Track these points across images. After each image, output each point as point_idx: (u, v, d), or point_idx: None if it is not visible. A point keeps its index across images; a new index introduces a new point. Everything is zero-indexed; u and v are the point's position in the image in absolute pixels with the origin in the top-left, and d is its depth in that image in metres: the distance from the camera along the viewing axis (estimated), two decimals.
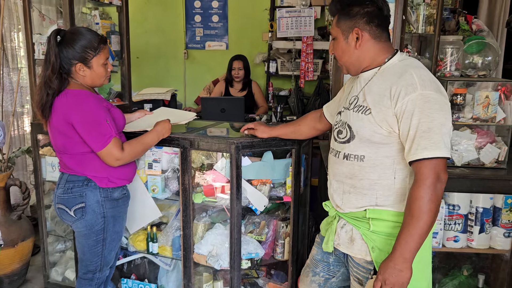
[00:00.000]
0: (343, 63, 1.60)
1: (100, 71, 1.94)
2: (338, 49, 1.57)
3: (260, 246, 2.31)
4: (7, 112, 3.37)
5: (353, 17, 1.49)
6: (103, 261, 2.05)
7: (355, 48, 1.51)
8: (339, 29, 1.54)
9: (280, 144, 2.18)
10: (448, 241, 2.29)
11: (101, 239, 2.00)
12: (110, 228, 2.00)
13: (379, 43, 1.52)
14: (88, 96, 1.89)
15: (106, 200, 1.97)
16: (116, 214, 2.02)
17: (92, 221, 1.95)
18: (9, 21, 3.45)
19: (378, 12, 1.49)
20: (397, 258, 1.38)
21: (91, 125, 1.84)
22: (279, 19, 4.43)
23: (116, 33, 2.82)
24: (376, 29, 1.50)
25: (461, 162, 2.25)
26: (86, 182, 1.94)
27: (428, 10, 2.23)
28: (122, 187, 2.04)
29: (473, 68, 2.36)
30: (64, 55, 1.86)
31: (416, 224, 1.35)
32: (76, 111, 1.84)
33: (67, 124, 1.85)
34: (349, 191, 1.56)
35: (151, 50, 5.18)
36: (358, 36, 1.50)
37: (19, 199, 3.24)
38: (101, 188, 1.95)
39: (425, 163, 1.35)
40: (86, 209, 1.93)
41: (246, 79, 4.17)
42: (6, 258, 2.73)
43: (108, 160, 1.89)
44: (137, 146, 1.99)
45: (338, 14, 1.54)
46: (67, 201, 1.95)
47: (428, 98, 1.37)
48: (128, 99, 2.95)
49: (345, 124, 1.55)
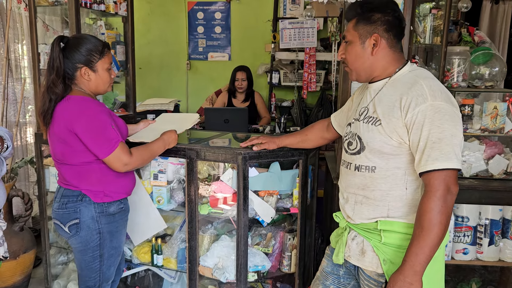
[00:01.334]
0: (354, 69, 1.57)
1: (105, 76, 1.92)
2: (351, 53, 1.55)
3: (266, 259, 2.28)
4: (10, 122, 3.35)
5: (373, 23, 1.48)
6: (102, 277, 1.98)
7: (371, 54, 1.50)
8: (356, 32, 1.52)
9: (287, 155, 2.16)
10: (457, 254, 2.26)
11: (98, 256, 1.94)
12: (107, 244, 1.94)
13: (394, 53, 1.51)
14: (90, 101, 1.85)
15: (101, 216, 1.90)
16: (113, 230, 1.96)
17: (87, 238, 1.89)
18: (13, 31, 3.46)
19: (397, 22, 1.49)
20: (407, 271, 1.36)
21: (97, 131, 1.80)
22: (282, 30, 4.45)
23: (121, 43, 2.82)
24: (393, 38, 1.49)
25: (469, 173, 2.24)
26: (81, 197, 1.88)
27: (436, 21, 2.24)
28: (119, 201, 1.97)
29: (480, 79, 2.36)
30: (68, 60, 1.84)
31: (427, 237, 1.33)
32: (79, 117, 1.79)
33: (68, 132, 1.80)
34: (361, 202, 1.54)
35: (154, 60, 5.20)
36: (376, 42, 1.48)
37: (21, 210, 3.21)
38: (96, 204, 1.89)
39: (435, 174, 1.34)
40: (81, 225, 1.88)
41: (249, 90, 4.17)
42: (7, 271, 2.69)
43: (116, 166, 1.84)
44: (144, 152, 1.95)
45: (357, 17, 1.52)
46: (61, 216, 1.90)
47: (439, 108, 1.35)
48: (133, 109, 2.94)
49: (355, 135, 1.54)
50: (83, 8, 2.50)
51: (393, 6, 1.50)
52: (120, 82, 3.12)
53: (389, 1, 1.52)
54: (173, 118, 2.47)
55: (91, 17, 2.91)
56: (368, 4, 1.50)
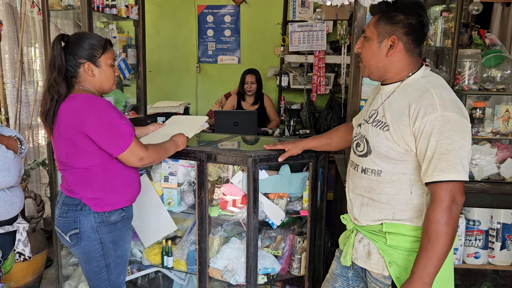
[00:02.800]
0: (368, 66, 1.55)
1: (109, 72, 1.86)
2: (368, 50, 1.52)
3: (276, 261, 2.28)
4: (23, 125, 3.40)
5: (394, 24, 1.45)
6: (112, 285, 1.94)
7: (386, 55, 1.48)
8: (375, 30, 1.49)
9: (297, 157, 2.16)
10: (469, 258, 2.24)
11: (104, 266, 1.88)
12: (111, 253, 1.88)
13: (410, 57, 1.48)
14: (97, 98, 1.79)
15: (102, 226, 1.84)
16: (116, 239, 1.89)
17: (88, 247, 1.85)
18: (26, 35, 3.51)
19: (419, 26, 1.46)
20: (416, 282, 1.35)
21: (109, 127, 1.74)
22: (291, 33, 4.46)
23: (133, 47, 2.85)
24: (412, 43, 1.46)
25: (481, 176, 2.22)
26: (80, 207, 1.82)
27: (446, 24, 2.23)
28: (121, 209, 1.90)
29: (491, 82, 2.35)
30: (71, 56, 1.79)
31: (434, 248, 1.33)
32: (88, 115, 1.72)
33: (77, 131, 1.73)
34: (367, 204, 1.54)
35: (164, 64, 5.23)
36: (393, 44, 1.46)
37: (33, 211, 3.25)
38: (96, 213, 1.82)
39: (441, 185, 1.33)
40: (81, 235, 1.83)
41: (258, 93, 4.18)
42: (19, 271, 2.72)
43: (132, 160, 1.79)
44: (159, 148, 1.92)
45: (380, 15, 1.49)
46: (62, 225, 1.86)
47: (448, 119, 1.34)
48: (144, 112, 2.97)
49: (363, 137, 1.54)
50: (95, 12, 2.54)
51: (418, 10, 1.45)
52: (131, 85, 3.16)
53: (417, 4, 1.47)
54: (181, 121, 2.48)
55: (102, 21, 2.95)
56: (394, 4, 1.45)
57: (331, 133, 2.04)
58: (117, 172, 1.86)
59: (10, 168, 1.63)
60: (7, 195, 1.71)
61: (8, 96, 3.35)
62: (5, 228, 1.75)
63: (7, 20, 3.30)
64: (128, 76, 2.83)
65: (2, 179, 1.62)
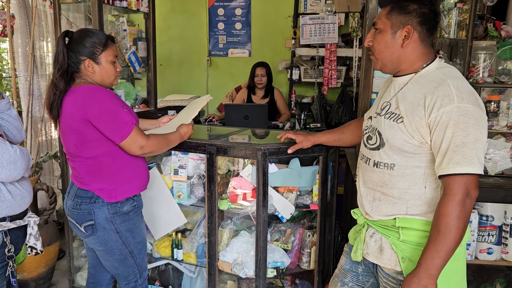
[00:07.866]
0: (380, 59, 1.52)
1: (109, 68, 1.91)
2: (380, 42, 1.49)
3: (286, 255, 2.27)
4: (36, 117, 3.43)
5: (408, 13, 1.43)
6: (140, 268, 2.04)
7: (401, 46, 1.45)
8: (388, 21, 1.46)
9: (308, 151, 2.14)
10: (481, 253, 2.21)
11: (128, 252, 1.96)
12: (131, 241, 1.96)
13: (424, 47, 1.46)
14: (99, 88, 1.84)
15: (116, 216, 1.90)
16: (131, 227, 1.96)
17: (105, 237, 1.90)
18: (38, 28, 3.53)
19: (432, 16, 1.44)
20: (422, 274, 1.34)
21: (110, 115, 1.78)
22: (303, 26, 4.42)
23: (143, 40, 2.85)
24: (426, 32, 1.44)
25: (494, 171, 2.18)
26: (94, 199, 1.87)
27: (461, 15, 2.18)
28: (132, 198, 1.96)
29: (507, 75, 2.30)
30: (73, 53, 1.84)
31: (443, 241, 1.31)
32: (91, 103, 1.77)
33: (82, 120, 1.78)
34: (380, 198, 1.51)
35: (175, 57, 5.24)
36: (408, 34, 1.43)
37: (45, 203, 3.29)
38: (109, 204, 1.88)
39: (456, 178, 1.31)
40: (96, 226, 1.89)
41: (269, 86, 4.16)
42: (32, 262, 2.76)
43: (132, 148, 1.83)
44: (161, 139, 1.95)
45: (392, 5, 1.46)
46: (77, 217, 1.91)
47: (465, 111, 1.31)
48: (154, 105, 2.97)
49: (376, 130, 1.51)
50: (105, 4, 2.54)
51: None
52: (141, 79, 3.16)
53: None
54: (187, 108, 2.47)
55: (113, 14, 2.95)
56: None
57: (343, 128, 2.01)
58: (125, 161, 1.90)
59: (16, 161, 1.65)
60: (17, 189, 1.72)
61: (21, 89, 3.39)
62: (17, 222, 1.77)
63: (19, 14, 3.32)
64: (139, 69, 2.84)
65: (9, 173, 1.64)
